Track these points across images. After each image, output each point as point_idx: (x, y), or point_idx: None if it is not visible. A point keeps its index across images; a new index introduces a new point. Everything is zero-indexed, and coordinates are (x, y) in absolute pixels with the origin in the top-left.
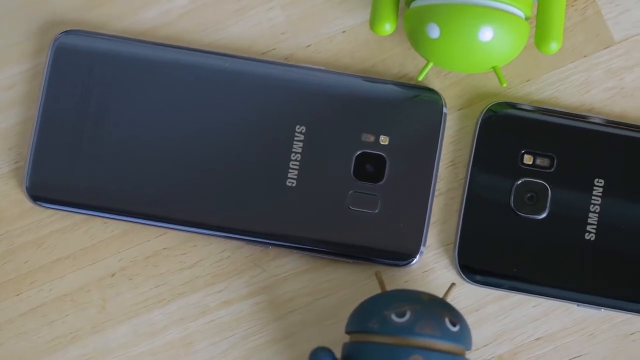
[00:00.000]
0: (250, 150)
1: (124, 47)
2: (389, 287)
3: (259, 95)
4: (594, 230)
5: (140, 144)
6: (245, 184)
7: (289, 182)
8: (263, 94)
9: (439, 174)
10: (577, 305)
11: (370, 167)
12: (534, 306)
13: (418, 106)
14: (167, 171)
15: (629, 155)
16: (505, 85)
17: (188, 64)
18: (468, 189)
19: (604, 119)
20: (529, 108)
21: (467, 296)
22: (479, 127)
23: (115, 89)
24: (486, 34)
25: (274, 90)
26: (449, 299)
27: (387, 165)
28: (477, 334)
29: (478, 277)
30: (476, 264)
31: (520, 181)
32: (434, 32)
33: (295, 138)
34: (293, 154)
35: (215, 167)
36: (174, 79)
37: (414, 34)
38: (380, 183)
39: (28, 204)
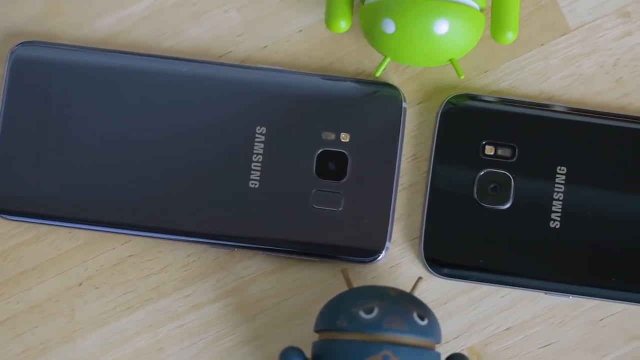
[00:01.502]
0: (212, 154)
1: (82, 57)
2: (356, 284)
3: (218, 98)
4: (558, 218)
5: (101, 153)
6: (208, 187)
7: (252, 184)
8: (222, 97)
9: (401, 168)
10: (546, 293)
11: (332, 165)
12: (502, 296)
13: (377, 102)
14: (130, 178)
15: (589, 141)
16: (463, 77)
17: (146, 71)
18: (431, 183)
19: (564, 107)
20: (488, 99)
21: (434, 289)
22: (439, 120)
23: (74, 99)
24: (441, 27)
25: (232, 92)
26: (416, 293)
27: (348, 163)
28: (447, 327)
29: (445, 270)
30: (442, 257)
31: (482, 172)
32: (389, 27)
33: (256, 139)
34: (255, 155)
35: (178, 172)
36: (133, 86)
37: (369, 30)
38: (343, 180)
39: None
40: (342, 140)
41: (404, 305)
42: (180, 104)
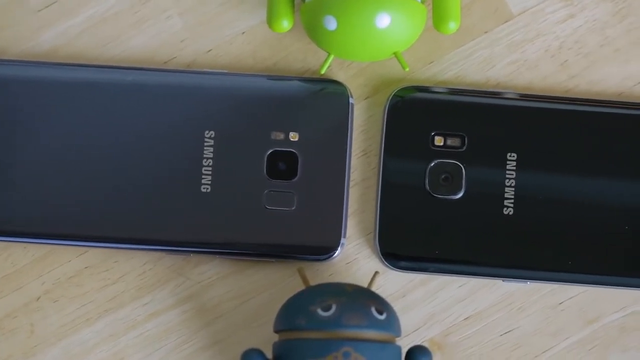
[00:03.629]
0: (163, 161)
1: (27, 71)
2: (313, 282)
3: (165, 104)
4: (511, 205)
5: (52, 166)
6: (160, 195)
7: (204, 188)
8: (169, 103)
9: (351, 164)
10: (503, 280)
11: (282, 165)
12: (460, 286)
13: (324, 99)
14: (82, 190)
15: (538, 126)
16: (407, 69)
17: (92, 82)
18: (382, 177)
19: (511, 93)
20: (435, 89)
21: (392, 283)
22: (387, 113)
23: (22, 113)
24: (383, 20)
25: (179, 98)
26: (373, 288)
27: (299, 161)
28: (407, 320)
29: (401, 263)
30: (398, 250)
31: (433, 163)
32: (331, 24)
33: (206, 143)
34: (205, 160)
35: (130, 181)
36: (81, 98)
37: (311, 28)
38: (294, 180)
39: None
40: (292, 140)
41: (361, 300)
42: (127, 113)
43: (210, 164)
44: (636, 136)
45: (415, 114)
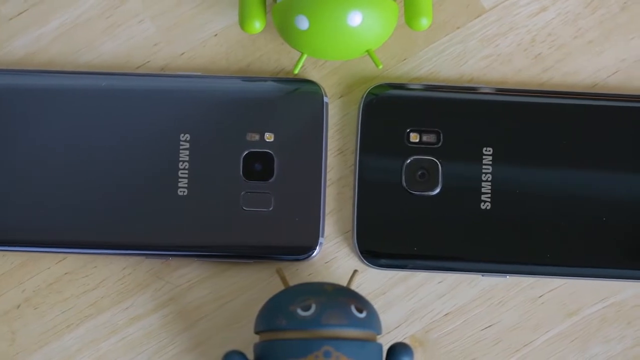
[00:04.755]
0: (139, 165)
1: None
2: (292, 282)
3: (140, 109)
4: (488, 199)
5: (28, 173)
6: (138, 199)
7: (181, 192)
8: (144, 108)
9: (328, 163)
10: (482, 275)
11: (259, 166)
12: (439, 282)
13: (299, 99)
14: (59, 196)
15: (513, 120)
16: (381, 67)
17: (65, 88)
18: (359, 175)
19: (485, 88)
20: (409, 86)
21: (371, 281)
22: (362, 111)
23: None
24: (355, 18)
25: (154, 102)
26: (353, 286)
27: (275, 162)
28: (387, 317)
29: (380, 261)
30: (376, 247)
31: (409, 160)
32: (303, 23)
33: (181, 147)
34: (181, 163)
35: (107, 186)
36: (54, 105)
37: (284, 28)
38: (271, 180)
39: None
40: (267, 140)
41: (341, 299)
42: (102, 118)
43: (187, 167)
44: (611, 127)
45: (390, 111)
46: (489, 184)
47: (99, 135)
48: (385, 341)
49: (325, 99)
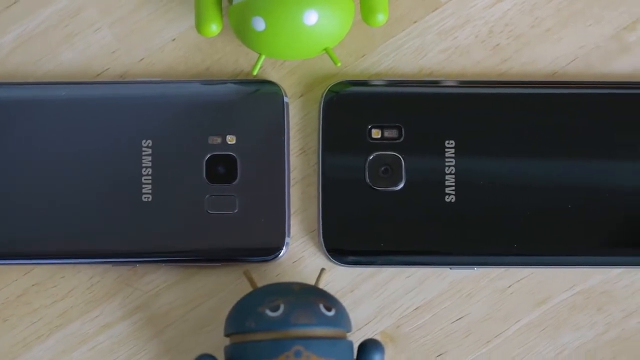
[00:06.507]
0: (103, 173)
1: None
2: (260, 283)
3: (101, 117)
4: (453, 192)
5: None
6: (102, 207)
7: (145, 198)
8: (105, 115)
9: (291, 163)
10: (450, 268)
11: (222, 169)
12: (407, 277)
13: (259, 100)
14: (23, 207)
15: (474, 112)
16: (339, 64)
17: (26, 99)
18: (322, 173)
19: (444, 80)
20: (369, 82)
21: (340, 279)
22: (322, 109)
23: None
24: (311, 17)
25: (114, 109)
26: (321, 285)
27: (238, 164)
28: (357, 314)
29: (347, 258)
30: (343, 245)
31: (372, 156)
32: (259, 24)
33: (144, 153)
34: (144, 169)
35: (71, 195)
36: (15, 116)
37: (240, 30)
38: (235, 183)
39: None
40: (229, 143)
41: (309, 298)
42: (64, 127)
43: (150, 172)
44: (572, 114)
45: (350, 108)
46: (453, 176)
47: (61, 145)
48: (356, 338)
49: (285, 99)
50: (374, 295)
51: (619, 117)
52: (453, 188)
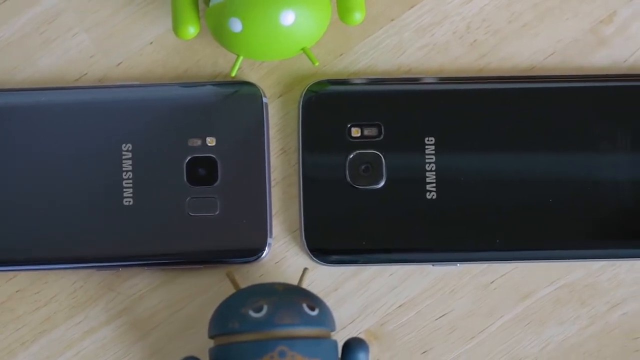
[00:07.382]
0: (83, 178)
1: None
2: (244, 284)
3: (81, 122)
4: (434, 189)
5: None
6: (84, 212)
7: (126, 202)
8: (84, 120)
9: (271, 163)
10: (433, 265)
11: (202, 171)
12: (390, 275)
13: (238, 101)
14: (4, 214)
15: (453, 108)
16: (317, 64)
17: (5, 105)
18: (303, 173)
19: (423, 78)
20: (347, 81)
21: (323, 278)
22: (302, 109)
23: None
24: (287, 17)
25: (93, 114)
26: (304, 284)
27: (218, 166)
28: (341, 313)
29: (329, 258)
30: (325, 245)
31: (352, 155)
32: (236, 26)
33: (124, 157)
34: (124, 173)
35: (52, 201)
36: None
37: (218, 32)
38: (216, 184)
39: None
40: (209, 145)
41: (292, 298)
42: (44, 133)
43: (130, 176)
44: (551, 109)
45: (329, 107)
46: (433, 173)
47: (41, 151)
48: (341, 337)
49: (264, 100)
50: (357, 294)
51: (598, 110)
52: (434, 185)
